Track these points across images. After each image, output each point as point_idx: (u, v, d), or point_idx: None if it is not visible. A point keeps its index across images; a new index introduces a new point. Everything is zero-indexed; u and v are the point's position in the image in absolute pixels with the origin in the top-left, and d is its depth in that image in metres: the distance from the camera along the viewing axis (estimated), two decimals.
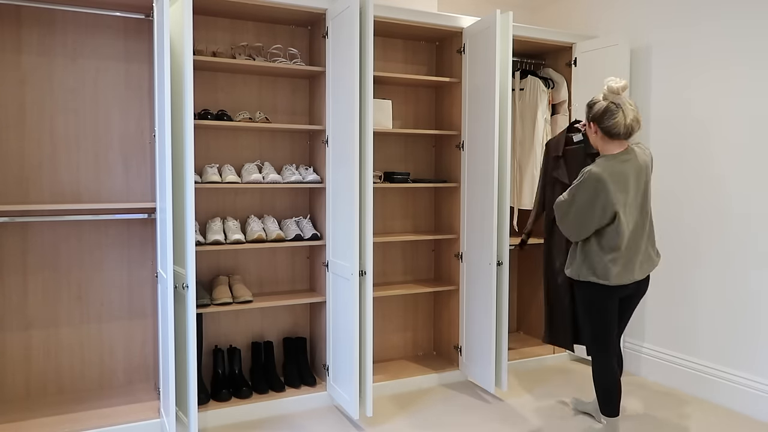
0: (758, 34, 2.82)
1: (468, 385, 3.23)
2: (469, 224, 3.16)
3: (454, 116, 3.31)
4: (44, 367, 2.76)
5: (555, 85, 3.67)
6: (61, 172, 2.74)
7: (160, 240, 2.50)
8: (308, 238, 2.94)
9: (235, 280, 2.96)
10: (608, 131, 2.28)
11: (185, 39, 2.30)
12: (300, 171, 3.02)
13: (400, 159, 3.46)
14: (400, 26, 3.10)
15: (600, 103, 2.31)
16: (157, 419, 2.55)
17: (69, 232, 2.78)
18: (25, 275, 2.71)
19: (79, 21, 2.74)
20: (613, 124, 2.25)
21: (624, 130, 2.26)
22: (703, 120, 3.08)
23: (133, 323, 2.92)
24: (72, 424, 2.48)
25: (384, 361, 3.44)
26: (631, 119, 2.25)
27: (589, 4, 3.78)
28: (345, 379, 2.73)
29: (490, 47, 2.90)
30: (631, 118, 2.25)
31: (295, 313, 3.22)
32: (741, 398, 2.89)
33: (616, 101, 2.27)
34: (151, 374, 2.97)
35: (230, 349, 3.00)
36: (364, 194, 2.62)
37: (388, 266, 3.46)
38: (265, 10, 2.83)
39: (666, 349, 3.29)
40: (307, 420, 2.77)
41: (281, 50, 3.08)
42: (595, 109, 2.32)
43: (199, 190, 2.98)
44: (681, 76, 3.19)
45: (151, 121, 2.88)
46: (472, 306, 3.12)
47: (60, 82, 2.72)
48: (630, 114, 2.25)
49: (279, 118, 3.14)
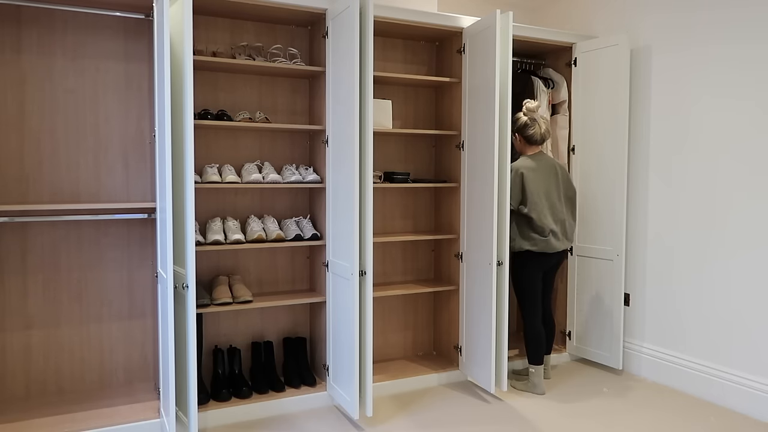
0: (758, 34, 2.82)
1: (468, 385, 3.23)
2: (469, 224, 3.16)
3: (454, 116, 3.31)
4: (44, 367, 2.76)
5: (555, 85, 3.67)
6: (60, 172, 2.74)
7: (160, 240, 2.50)
8: (308, 238, 2.94)
9: (235, 280, 2.96)
10: (528, 139, 3.10)
11: (185, 39, 2.30)
12: (300, 171, 3.02)
13: (400, 159, 3.46)
14: (400, 26, 3.10)
15: (522, 118, 3.10)
16: (157, 419, 2.55)
17: (69, 232, 2.78)
18: (25, 275, 2.71)
19: (79, 21, 2.74)
20: (532, 133, 3.08)
21: (539, 138, 3.09)
22: (702, 120, 3.08)
23: (133, 323, 2.92)
24: (72, 424, 2.48)
25: (384, 361, 3.44)
26: (543, 130, 3.08)
27: (589, 4, 3.78)
28: (345, 379, 2.73)
29: (490, 47, 2.90)
30: (544, 129, 3.09)
31: (295, 313, 3.22)
32: (741, 398, 2.89)
33: (533, 117, 3.08)
34: (151, 374, 2.97)
35: (230, 349, 3.00)
36: (364, 194, 2.62)
37: (388, 266, 3.46)
38: (265, 10, 2.83)
39: (666, 349, 3.29)
40: (307, 420, 2.77)
41: (281, 50, 3.08)
42: (519, 123, 3.11)
43: (199, 190, 2.98)
44: (681, 76, 3.19)
45: (151, 121, 2.88)
46: (472, 306, 3.12)
47: (60, 82, 2.72)
48: (543, 126, 3.09)
49: (279, 118, 3.14)
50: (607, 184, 3.41)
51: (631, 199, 3.48)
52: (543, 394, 3.11)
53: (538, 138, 3.09)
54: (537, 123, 3.07)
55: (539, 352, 3.12)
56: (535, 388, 3.12)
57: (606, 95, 3.40)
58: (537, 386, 3.12)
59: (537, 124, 3.07)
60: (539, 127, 3.08)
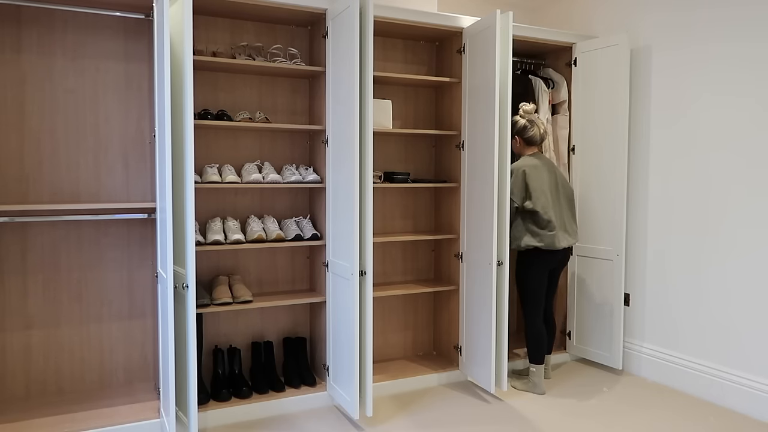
0: (758, 33, 2.82)
1: (468, 385, 3.23)
2: (469, 224, 3.16)
3: (454, 116, 3.31)
4: (44, 367, 2.76)
5: (555, 85, 3.67)
6: (60, 172, 2.74)
7: (160, 240, 2.50)
8: (308, 238, 2.94)
9: (235, 280, 2.96)
10: (529, 140, 3.17)
11: (185, 39, 2.30)
12: (300, 171, 3.02)
13: (400, 159, 3.46)
14: (400, 26, 3.10)
15: (520, 121, 3.17)
16: (157, 419, 2.55)
17: (69, 232, 2.78)
18: (25, 275, 2.71)
19: (79, 21, 2.74)
20: (533, 135, 3.15)
21: (539, 138, 3.17)
22: (702, 120, 3.08)
23: (133, 323, 2.92)
24: (72, 424, 2.48)
25: (384, 361, 3.44)
26: (542, 131, 3.18)
27: (589, 4, 3.78)
28: (345, 379, 2.73)
29: (490, 47, 2.90)
30: (542, 130, 3.18)
31: (295, 313, 3.22)
32: (741, 398, 2.89)
33: (530, 118, 3.16)
34: (151, 374, 2.97)
35: (230, 349, 3.00)
36: (364, 194, 2.62)
37: (388, 266, 3.46)
38: (265, 10, 2.83)
39: (666, 349, 3.29)
40: (307, 420, 2.77)
41: (281, 50, 3.08)
42: (518, 126, 3.17)
43: (199, 190, 2.98)
44: (681, 74, 3.19)
45: (151, 121, 2.88)
46: (472, 306, 3.12)
47: (60, 82, 2.72)
48: (541, 127, 3.17)
49: (279, 118, 3.14)
50: (607, 184, 3.41)
51: (631, 199, 3.48)
52: (543, 393, 3.11)
53: (538, 139, 3.16)
54: (535, 124, 3.15)
55: (540, 351, 3.13)
56: (535, 388, 3.12)
57: (606, 95, 3.40)
58: (537, 386, 3.12)
59: (536, 125, 3.15)
60: (538, 128, 3.15)
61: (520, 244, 3.08)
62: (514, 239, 3.10)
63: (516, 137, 3.19)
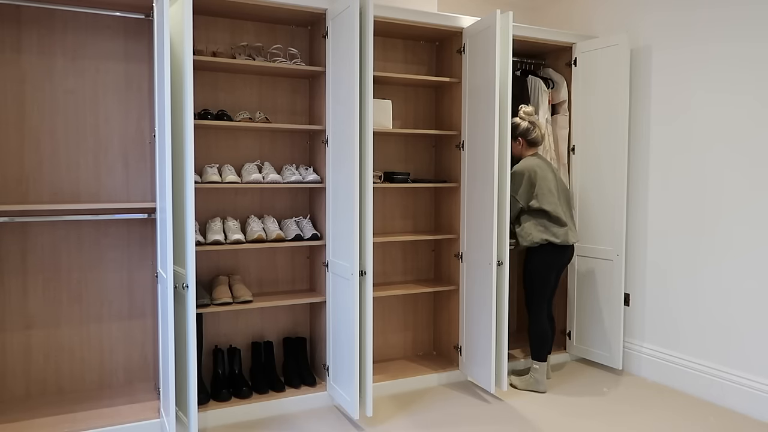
0: (758, 33, 2.82)
1: (468, 385, 3.23)
2: (469, 224, 3.16)
3: (454, 116, 3.31)
4: (44, 367, 2.76)
5: (555, 85, 3.67)
6: (60, 172, 2.74)
7: (160, 240, 2.50)
8: (308, 238, 2.94)
9: (235, 280, 2.96)
10: (532, 142, 3.22)
11: (185, 39, 2.30)
12: (300, 171, 3.02)
13: (400, 159, 3.46)
14: (400, 26, 3.10)
15: (523, 123, 3.20)
16: (157, 419, 2.55)
17: (69, 232, 2.78)
18: (25, 275, 2.71)
19: (79, 21, 2.74)
20: (535, 136, 3.20)
21: (541, 139, 3.23)
22: (702, 120, 3.08)
23: (133, 323, 2.92)
24: (72, 424, 2.48)
25: (384, 361, 3.44)
26: (543, 131, 3.28)
27: (589, 3, 3.78)
28: (345, 379, 2.73)
29: (490, 47, 2.90)
30: (543, 130, 3.31)
31: (295, 313, 3.22)
32: (741, 398, 2.89)
33: (531, 120, 3.20)
34: (151, 374, 2.97)
35: (230, 349, 3.00)
36: (364, 194, 2.62)
37: (388, 266, 3.46)
38: (265, 10, 2.83)
39: (666, 349, 3.29)
40: (307, 420, 2.77)
41: (281, 50, 3.08)
42: (521, 128, 3.20)
43: (199, 190, 2.98)
44: (681, 75, 3.19)
45: (151, 121, 2.88)
46: (472, 306, 3.12)
47: (60, 83, 2.72)
48: (542, 128, 3.27)
49: (279, 118, 3.14)
50: (608, 184, 3.41)
51: (631, 198, 3.48)
52: (544, 392, 3.12)
53: (539, 140, 3.21)
54: (536, 125, 3.20)
55: (544, 349, 3.15)
56: (537, 385, 3.13)
57: (606, 95, 3.40)
58: (539, 383, 3.12)
59: (537, 127, 3.20)
60: (539, 129, 3.21)
61: (534, 240, 3.09)
62: (526, 236, 3.11)
63: (519, 139, 3.23)
